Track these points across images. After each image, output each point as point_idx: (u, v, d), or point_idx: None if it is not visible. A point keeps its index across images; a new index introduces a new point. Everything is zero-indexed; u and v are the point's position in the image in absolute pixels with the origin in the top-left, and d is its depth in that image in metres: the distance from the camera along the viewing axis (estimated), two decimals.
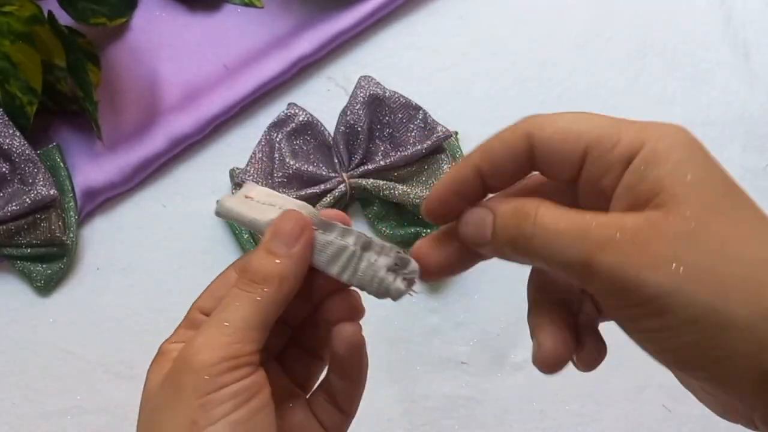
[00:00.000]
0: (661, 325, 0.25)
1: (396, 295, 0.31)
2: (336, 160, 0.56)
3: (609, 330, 0.60)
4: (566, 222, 0.26)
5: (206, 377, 0.28)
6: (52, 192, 0.53)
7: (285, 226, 0.31)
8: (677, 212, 0.25)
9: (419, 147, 0.55)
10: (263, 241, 0.31)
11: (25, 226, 0.53)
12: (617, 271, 0.25)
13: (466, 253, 0.30)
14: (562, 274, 0.27)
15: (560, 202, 0.27)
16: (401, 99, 0.56)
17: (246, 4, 0.61)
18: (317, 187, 0.55)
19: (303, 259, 0.31)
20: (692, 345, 0.25)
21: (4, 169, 0.54)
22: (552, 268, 0.27)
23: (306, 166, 0.55)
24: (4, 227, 0.53)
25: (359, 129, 0.55)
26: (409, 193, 0.55)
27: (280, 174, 0.55)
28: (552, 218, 0.26)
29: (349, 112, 0.55)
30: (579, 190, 0.28)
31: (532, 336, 0.31)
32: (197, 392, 0.28)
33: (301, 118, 0.56)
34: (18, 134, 0.53)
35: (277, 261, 0.30)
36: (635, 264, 0.25)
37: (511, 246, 0.27)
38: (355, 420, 0.57)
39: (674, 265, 0.24)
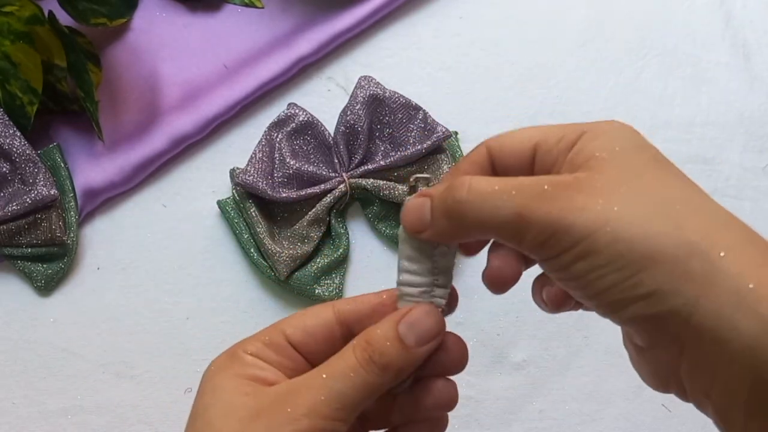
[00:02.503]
0: (589, 266, 0.26)
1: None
2: (336, 160, 0.57)
3: (608, 331, 0.60)
4: (499, 183, 0.28)
5: None
6: (52, 192, 0.53)
7: (426, 322, 0.30)
8: (603, 170, 0.27)
9: (419, 147, 0.55)
10: (394, 319, 0.30)
11: (26, 226, 0.53)
12: (547, 218, 0.26)
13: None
14: (498, 238, 0.29)
15: None
16: (401, 99, 0.57)
17: (246, 5, 0.61)
18: (317, 187, 0.55)
19: (422, 359, 0.31)
20: (619, 284, 0.26)
21: (4, 169, 0.54)
22: (487, 232, 0.28)
23: (306, 166, 0.55)
24: (5, 227, 0.53)
25: (359, 129, 0.55)
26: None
27: (280, 174, 0.55)
28: (486, 183, 0.28)
29: (349, 112, 0.55)
30: None
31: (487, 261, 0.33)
32: None
33: (301, 118, 0.56)
34: (18, 134, 0.53)
35: (404, 353, 0.30)
36: (563, 208, 0.26)
37: (447, 217, 0.29)
38: None
39: (599, 207, 0.26)
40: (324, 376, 0.29)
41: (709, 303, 0.25)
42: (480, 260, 0.35)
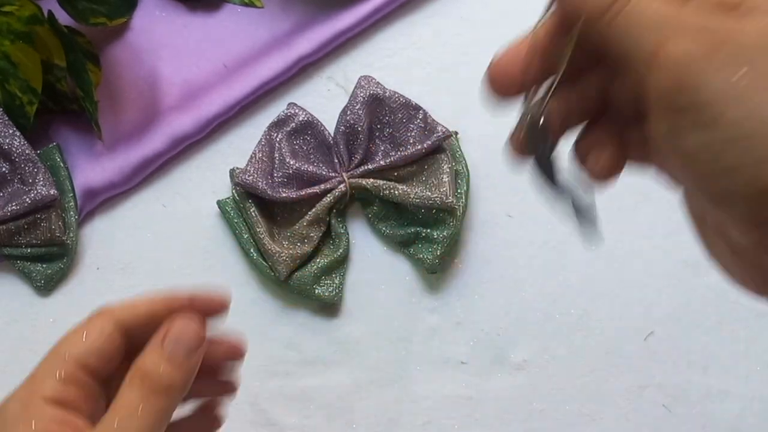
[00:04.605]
0: (708, 140, 0.22)
1: None
2: (336, 160, 0.57)
3: (608, 331, 0.60)
4: (657, 6, 0.24)
5: None
6: (52, 192, 0.53)
7: (188, 332, 0.31)
8: (757, 18, 0.23)
9: (419, 147, 0.55)
10: (158, 342, 0.30)
11: (25, 226, 0.53)
12: (680, 64, 0.23)
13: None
14: (622, 65, 0.25)
15: None
16: (401, 99, 0.56)
17: (246, 4, 0.61)
18: (317, 187, 0.55)
19: (197, 367, 0.31)
20: (736, 169, 0.22)
21: (4, 169, 0.54)
22: (620, 52, 0.24)
23: (306, 165, 0.55)
24: (4, 227, 0.53)
25: (359, 129, 0.55)
26: (409, 193, 0.55)
27: (280, 174, 0.55)
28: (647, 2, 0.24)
29: (349, 112, 0.55)
30: None
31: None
32: None
33: (301, 118, 0.56)
34: (18, 134, 0.53)
35: (179, 370, 0.30)
36: (702, 58, 0.23)
37: (598, 13, 0.25)
38: (354, 420, 0.58)
39: (745, 69, 0.22)
40: (116, 425, 0.29)
41: None
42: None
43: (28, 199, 0.52)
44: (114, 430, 0.28)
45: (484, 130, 0.60)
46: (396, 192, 0.55)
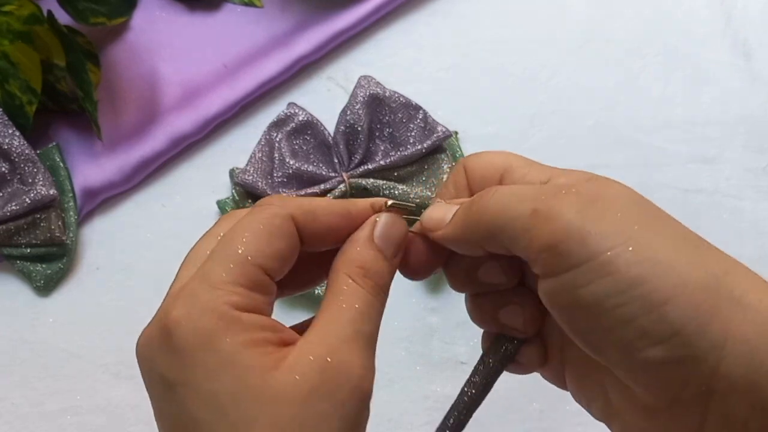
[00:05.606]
0: (604, 290, 0.23)
1: None
2: (336, 160, 0.57)
3: None
4: (521, 186, 0.27)
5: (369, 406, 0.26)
6: (51, 192, 0.53)
7: (397, 231, 0.29)
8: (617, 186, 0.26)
9: (419, 147, 0.55)
10: (368, 236, 0.28)
11: (25, 226, 0.53)
12: (562, 218, 0.24)
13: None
14: (507, 240, 0.26)
15: None
16: (401, 99, 0.56)
17: (246, 4, 0.61)
18: (317, 187, 0.55)
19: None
20: (639, 317, 0.23)
21: (3, 169, 0.53)
22: (498, 231, 0.26)
23: (306, 165, 0.55)
24: (4, 227, 0.53)
25: (359, 129, 0.55)
26: (409, 193, 0.55)
27: (280, 174, 0.55)
28: (511, 186, 0.28)
29: (349, 112, 0.55)
30: None
31: None
32: (364, 424, 0.26)
33: (301, 118, 0.56)
34: (18, 134, 0.53)
35: (390, 267, 0.28)
36: (581, 211, 0.24)
37: (465, 216, 0.28)
38: None
39: (620, 214, 0.23)
40: (348, 322, 0.26)
41: (739, 346, 0.22)
42: None
43: (27, 199, 0.52)
44: (350, 330, 0.26)
45: (484, 130, 0.60)
46: (396, 192, 0.55)
